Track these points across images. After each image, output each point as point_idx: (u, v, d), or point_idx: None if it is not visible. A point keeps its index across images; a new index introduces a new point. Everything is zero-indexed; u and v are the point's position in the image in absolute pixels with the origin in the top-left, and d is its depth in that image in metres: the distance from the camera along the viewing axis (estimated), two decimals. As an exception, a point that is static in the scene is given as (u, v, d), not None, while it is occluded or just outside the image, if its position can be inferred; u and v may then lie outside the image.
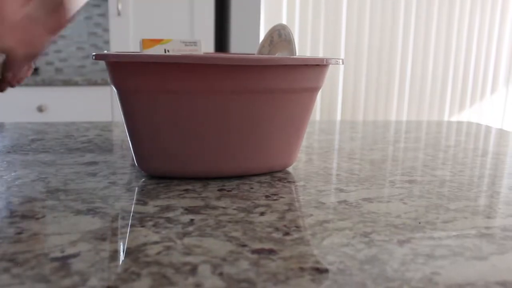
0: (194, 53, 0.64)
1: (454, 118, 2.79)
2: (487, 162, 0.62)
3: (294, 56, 0.47)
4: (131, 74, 0.45)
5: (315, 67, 0.49)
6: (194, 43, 0.64)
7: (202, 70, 0.44)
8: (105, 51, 0.58)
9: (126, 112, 0.47)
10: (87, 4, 2.39)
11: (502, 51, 2.77)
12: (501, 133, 0.85)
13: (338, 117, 2.67)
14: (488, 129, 0.90)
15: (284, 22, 2.50)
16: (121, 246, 0.33)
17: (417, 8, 2.62)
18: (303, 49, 2.53)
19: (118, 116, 2.04)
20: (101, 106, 2.01)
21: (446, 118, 2.79)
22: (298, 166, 0.58)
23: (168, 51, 0.62)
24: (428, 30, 2.65)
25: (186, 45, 0.63)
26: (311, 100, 0.52)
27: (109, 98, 2.00)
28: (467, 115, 2.82)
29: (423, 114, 2.77)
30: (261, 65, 0.45)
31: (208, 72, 0.44)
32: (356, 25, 2.57)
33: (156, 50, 0.61)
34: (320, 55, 2.56)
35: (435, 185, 0.50)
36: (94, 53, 0.45)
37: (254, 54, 0.60)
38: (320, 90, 2.56)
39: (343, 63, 0.51)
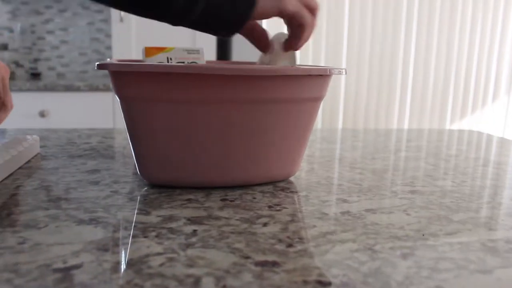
0: (197, 61, 0.64)
1: (455, 126, 2.79)
2: (488, 172, 0.62)
3: (297, 66, 0.47)
4: (133, 84, 0.45)
5: (318, 77, 0.49)
6: (197, 51, 0.64)
7: (204, 80, 0.44)
8: (108, 59, 0.58)
9: (128, 121, 0.47)
10: (89, 10, 2.40)
11: (504, 59, 2.77)
12: (503, 142, 0.85)
13: (340, 125, 2.67)
14: (489, 138, 0.90)
15: (285, 30, 2.50)
16: (124, 257, 0.33)
17: (418, 16, 2.63)
18: (304, 57, 2.54)
19: (120, 121, 2.04)
20: (102, 111, 2.01)
21: (447, 126, 2.79)
22: (301, 175, 0.57)
23: (171, 59, 0.62)
24: (430, 38, 2.66)
25: (188, 53, 0.63)
26: (314, 110, 0.52)
27: (110, 103, 2.00)
28: (469, 123, 2.82)
29: (424, 122, 2.77)
30: (264, 76, 0.45)
31: (210, 82, 0.44)
32: (357, 33, 2.58)
33: (159, 58, 0.61)
34: (322, 63, 2.56)
35: (438, 196, 0.50)
36: (97, 62, 0.45)
37: (255, 62, 0.60)
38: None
39: (346, 73, 0.51)
